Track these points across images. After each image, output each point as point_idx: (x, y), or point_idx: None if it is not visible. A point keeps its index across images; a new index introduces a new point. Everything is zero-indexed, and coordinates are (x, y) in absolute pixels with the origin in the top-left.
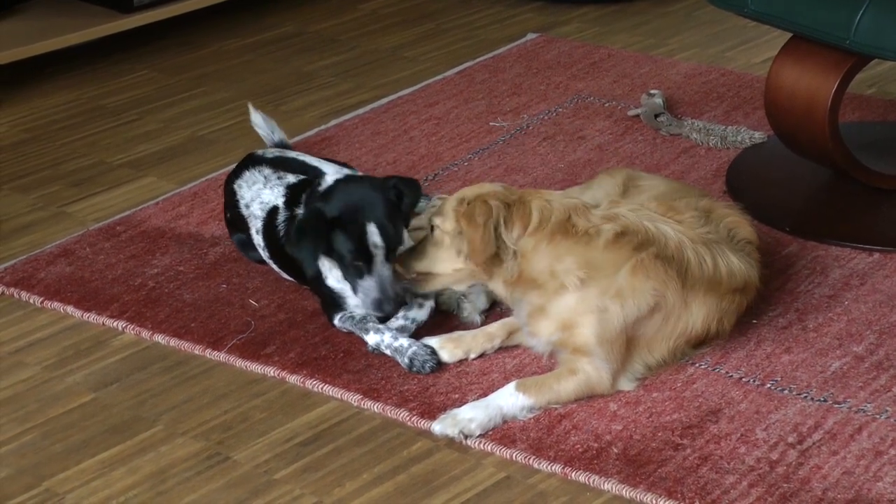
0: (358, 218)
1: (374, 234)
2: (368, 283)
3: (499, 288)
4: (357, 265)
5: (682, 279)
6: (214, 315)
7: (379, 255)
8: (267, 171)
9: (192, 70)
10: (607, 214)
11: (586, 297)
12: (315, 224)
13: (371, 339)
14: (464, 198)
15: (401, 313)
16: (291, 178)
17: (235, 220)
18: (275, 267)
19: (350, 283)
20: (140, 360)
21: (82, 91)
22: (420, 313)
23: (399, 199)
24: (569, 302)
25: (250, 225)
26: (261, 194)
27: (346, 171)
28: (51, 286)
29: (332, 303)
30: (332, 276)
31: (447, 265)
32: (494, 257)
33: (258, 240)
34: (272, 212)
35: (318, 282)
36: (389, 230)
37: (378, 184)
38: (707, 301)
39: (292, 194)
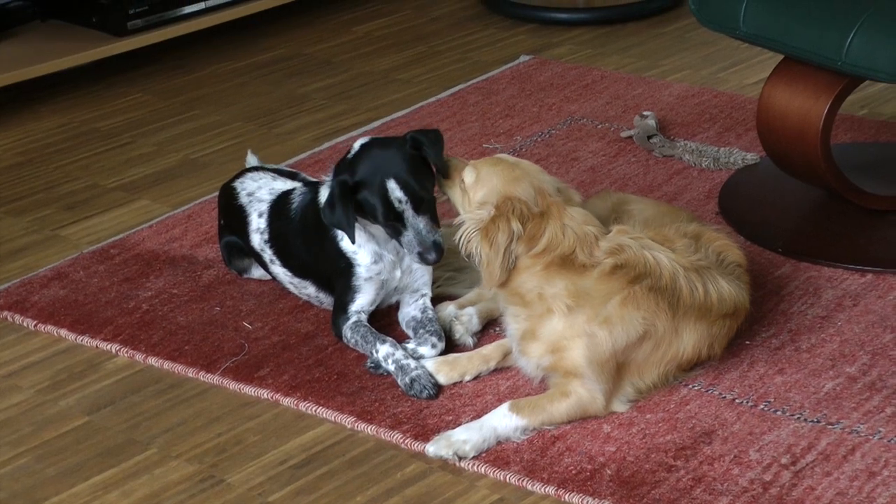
0: (377, 178)
1: (394, 189)
2: (408, 238)
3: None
4: (393, 224)
5: (673, 309)
6: (208, 338)
7: (406, 209)
8: (271, 175)
9: (186, 93)
10: (612, 247)
11: (574, 322)
12: (341, 193)
13: (382, 350)
14: (501, 200)
15: (411, 344)
16: (307, 177)
17: (230, 218)
18: (267, 258)
19: (396, 241)
20: (134, 383)
21: (76, 114)
22: (428, 351)
23: (418, 150)
24: (556, 326)
25: (249, 213)
26: (271, 184)
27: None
28: (44, 309)
29: (344, 283)
30: (347, 239)
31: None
32: None
33: (257, 224)
34: (284, 194)
35: (335, 252)
36: (410, 182)
37: (396, 141)
38: (698, 327)
39: (311, 183)
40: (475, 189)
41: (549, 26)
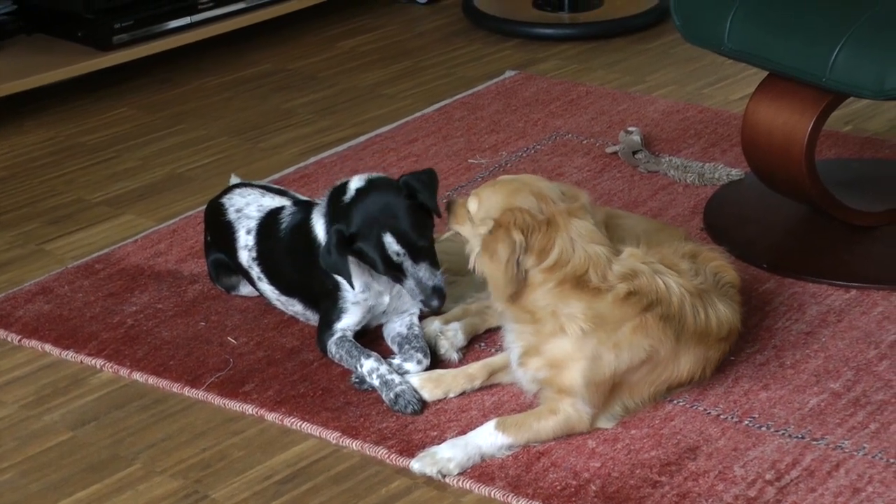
0: (373, 231)
1: (391, 244)
2: (409, 285)
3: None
4: (394, 273)
5: (677, 336)
6: (193, 353)
7: (405, 260)
8: (259, 191)
9: (171, 107)
10: (625, 272)
11: (584, 345)
12: (338, 242)
13: (367, 364)
14: (501, 213)
15: (396, 360)
16: (296, 195)
17: (217, 234)
18: (255, 275)
19: (400, 285)
20: (118, 398)
21: (61, 129)
22: (413, 367)
23: (414, 197)
24: (565, 345)
25: (237, 229)
26: (260, 200)
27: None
28: (29, 324)
29: (331, 303)
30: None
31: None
32: None
33: (245, 241)
34: (274, 211)
35: (324, 272)
36: (407, 234)
37: (391, 188)
38: (696, 352)
39: (302, 202)
40: (478, 214)
41: (535, 42)
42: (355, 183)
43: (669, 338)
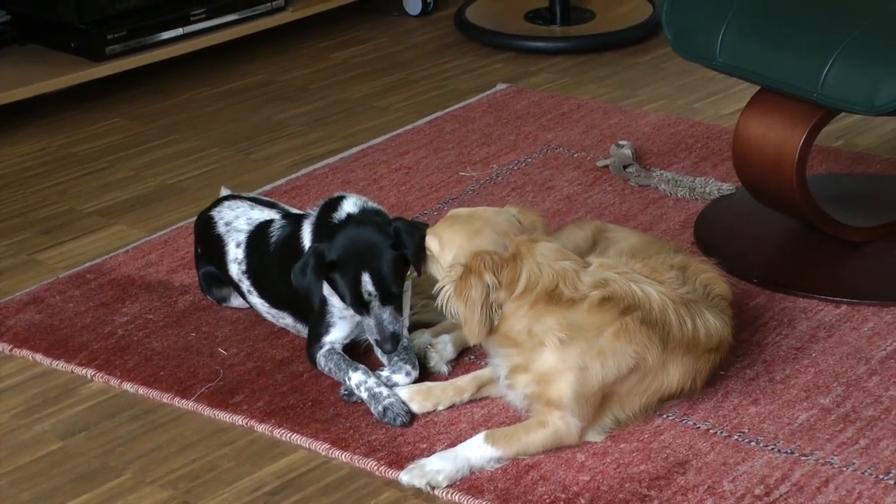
0: (353, 266)
1: (367, 283)
2: (368, 323)
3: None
4: (358, 308)
5: (663, 343)
6: (183, 363)
7: (374, 300)
8: (248, 203)
9: (164, 118)
10: (597, 281)
11: (567, 355)
12: (315, 265)
13: (355, 377)
14: (470, 258)
15: (385, 372)
16: (286, 207)
17: (207, 247)
18: (245, 288)
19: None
20: (108, 408)
21: (53, 139)
22: (402, 379)
23: (399, 247)
24: (549, 359)
25: (226, 242)
26: (249, 213)
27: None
28: (20, 334)
29: (319, 317)
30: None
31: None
32: None
33: (234, 254)
34: (263, 225)
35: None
36: (385, 277)
37: (382, 230)
38: (685, 361)
39: (291, 215)
40: (443, 255)
41: (527, 55)
42: (349, 206)
43: (655, 344)
